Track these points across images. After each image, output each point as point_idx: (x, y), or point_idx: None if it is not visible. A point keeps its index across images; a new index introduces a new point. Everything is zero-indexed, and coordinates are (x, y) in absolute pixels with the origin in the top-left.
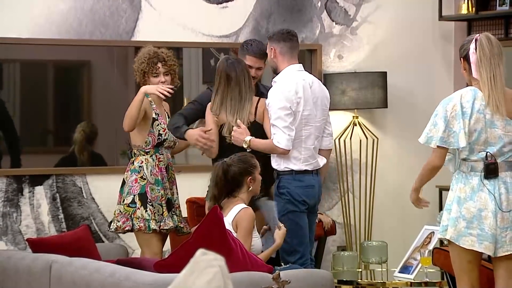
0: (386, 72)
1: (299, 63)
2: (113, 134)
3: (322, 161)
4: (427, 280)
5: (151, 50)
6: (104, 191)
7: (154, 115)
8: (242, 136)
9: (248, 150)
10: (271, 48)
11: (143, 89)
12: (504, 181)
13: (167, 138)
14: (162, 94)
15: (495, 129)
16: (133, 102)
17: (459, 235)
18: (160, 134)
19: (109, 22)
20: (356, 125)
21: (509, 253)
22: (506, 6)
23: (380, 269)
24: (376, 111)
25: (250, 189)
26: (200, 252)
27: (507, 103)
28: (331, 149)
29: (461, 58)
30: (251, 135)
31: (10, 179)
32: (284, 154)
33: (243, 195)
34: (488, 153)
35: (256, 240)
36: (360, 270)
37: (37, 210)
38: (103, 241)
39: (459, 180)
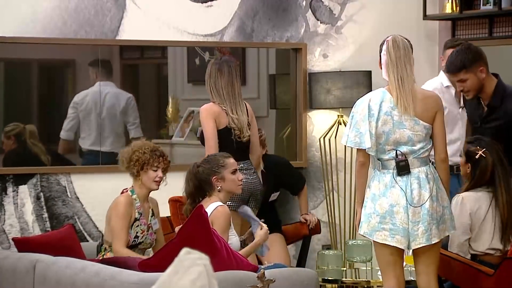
0: (371, 71)
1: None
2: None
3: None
4: (412, 278)
5: (150, 143)
6: (88, 190)
7: (136, 215)
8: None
9: None
10: None
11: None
12: (417, 177)
13: (142, 241)
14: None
15: (404, 129)
16: None
17: (372, 230)
18: (136, 236)
19: (93, 21)
20: (341, 124)
21: (421, 245)
22: (490, 5)
23: (365, 268)
24: None
25: (219, 188)
26: (184, 251)
27: (418, 103)
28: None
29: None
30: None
31: None
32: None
33: (218, 194)
34: (397, 152)
35: (233, 238)
36: (345, 268)
37: (21, 209)
38: (87, 241)
39: (374, 178)
